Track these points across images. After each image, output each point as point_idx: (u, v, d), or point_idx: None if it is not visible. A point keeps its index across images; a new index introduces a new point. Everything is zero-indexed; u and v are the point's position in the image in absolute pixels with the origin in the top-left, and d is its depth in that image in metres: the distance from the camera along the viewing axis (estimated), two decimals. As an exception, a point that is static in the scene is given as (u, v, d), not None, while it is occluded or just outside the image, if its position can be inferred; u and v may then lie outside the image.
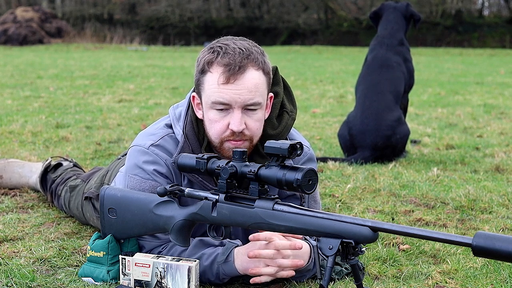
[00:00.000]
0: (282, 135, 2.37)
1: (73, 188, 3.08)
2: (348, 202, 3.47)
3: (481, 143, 5.34)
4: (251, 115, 2.24)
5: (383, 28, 5.06)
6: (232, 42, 2.25)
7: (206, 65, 2.23)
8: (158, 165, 2.32)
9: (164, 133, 2.37)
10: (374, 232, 1.85)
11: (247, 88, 2.20)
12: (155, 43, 26.52)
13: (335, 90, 9.94)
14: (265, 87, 2.26)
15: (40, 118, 6.28)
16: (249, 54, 2.21)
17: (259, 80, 2.23)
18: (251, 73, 2.21)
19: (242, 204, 2.05)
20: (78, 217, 3.01)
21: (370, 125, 4.64)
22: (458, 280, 2.37)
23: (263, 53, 2.27)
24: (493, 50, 23.83)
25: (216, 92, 2.21)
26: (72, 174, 3.25)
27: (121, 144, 5.03)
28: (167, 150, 2.33)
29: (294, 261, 2.17)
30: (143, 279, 2.21)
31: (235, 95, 2.20)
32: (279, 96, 2.40)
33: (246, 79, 2.20)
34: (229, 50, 2.21)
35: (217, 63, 2.21)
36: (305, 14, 28.48)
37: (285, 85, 2.46)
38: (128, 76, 11.84)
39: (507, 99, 8.95)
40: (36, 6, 26.34)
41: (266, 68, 2.26)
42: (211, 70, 2.22)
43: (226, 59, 2.19)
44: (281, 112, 2.41)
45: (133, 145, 2.40)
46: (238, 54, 2.20)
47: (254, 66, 2.21)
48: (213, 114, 2.24)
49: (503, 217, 3.23)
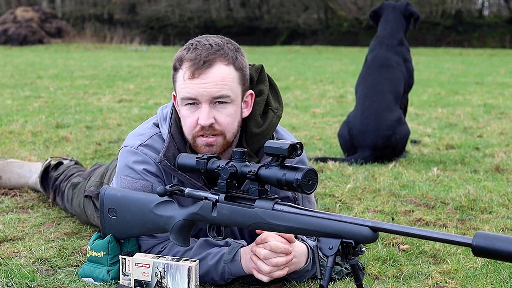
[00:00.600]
0: (267, 133, 2.36)
1: (75, 186, 3.09)
2: (348, 202, 3.47)
3: (481, 143, 5.34)
4: (220, 110, 2.23)
5: (382, 28, 5.06)
6: (206, 39, 2.26)
7: (177, 62, 2.25)
8: (148, 165, 2.33)
9: (153, 132, 2.38)
10: (374, 232, 1.85)
11: (213, 81, 2.20)
12: (155, 43, 26.52)
13: (335, 90, 9.94)
14: (236, 82, 2.25)
15: (40, 118, 6.28)
16: (219, 49, 2.21)
17: (229, 75, 2.22)
18: (218, 67, 2.21)
19: (242, 204, 2.05)
20: (79, 215, 3.02)
21: (370, 125, 4.64)
22: (458, 280, 2.37)
23: (238, 49, 2.27)
24: (493, 50, 23.83)
25: (184, 88, 2.22)
26: (75, 171, 3.28)
27: (121, 144, 5.02)
28: (156, 150, 2.34)
29: (288, 257, 2.16)
30: (143, 279, 2.21)
31: (200, 89, 2.20)
32: (263, 94, 2.39)
33: (212, 73, 2.20)
34: (198, 46, 2.22)
35: (185, 59, 2.22)
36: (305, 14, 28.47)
37: (271, 83, 2.45)
38: (128, 76, 11.84)
39: (507, 99, 8.95)
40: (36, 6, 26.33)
41: (237, 64, 2.25)
42: (181, 67, 2.24)
43: (193, 54, 2.20)
44: (266, 110, 2.40)
45: (123, 146, 2.42)
46: (206, 50, 2.20)
47: (223, 61, 2.21)
48: (184, 110, 2.26)
49: (503, 217, 3.23)
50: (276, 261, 2.14)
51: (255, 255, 2.17)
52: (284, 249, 2.15)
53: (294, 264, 2.22)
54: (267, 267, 2.15)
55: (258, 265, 2.16)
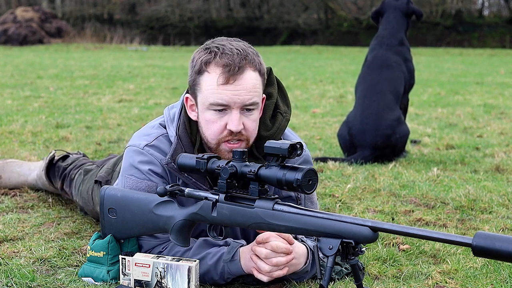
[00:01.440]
0: (276, 136, 2.37)
1: (87, 172, 3.09)
2: (348, 202, 3.47)
3: (481, 143, 5.34)
4: (248, 116, 2.25)
5: (383, 28, 5.06)
6: (228, 42, 2.25)
7: (204, 65, 2.22)
8: (153, 165, 2.32)
9: (159, 133, 2.38)
10: (374, 232, 1.85)
11: (246, 88, 2.20)
12: (155, 43, 26.52)
13: (335, 90, 9.94)
14: (261, 88, 2.28)
15: (40, 118, 6.28)
16: (247, 55, 2.22)
17: (257, 80, 2.24)
18: (249, 74, 2.21)
19: (242, 204, 2.05)
20: (86, 202, 3.00)
21: (370, 124, 4.64)
22: (458, 280, 2.37)
23: (258, 54, 2.29)
24: (493, 50, 23.83)
25: (214, 93, 2.20)
26: (86, 161, 3.28)
27: (121, 144, 5.03)
28: (162, 150, 2.34)
29: (288, 257, 2.16)
30: (143, 279, 2.21)
31: (234, 95, 2.20)
32: (273, 97, 2.40)
33: (245, 79, 2.20)
34: (226, 50, 2.21)
35: (215, 63, 2.20)
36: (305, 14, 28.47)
37: (279, 86, 2.45)
38: (128, 76, 11.84)
39: (507, 99, 8.95)
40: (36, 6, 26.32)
41: (262, 69, 2.27)
42: (208, 70, 2.22)
43: (224, 59, 2.19)
44: (275, 113, 2.41)
45: (128, 145, 2.41)
46: (236, 55, 2.20)
47: (251, 67, 2.22)
48: (210, 115, 2.24)
49: (503, 217, 3.23)
50: (276, 261, 2.14)
51: (255, 255, 2.17)
52: (285, 249, 2.15)
53: (294, 265, 2.22)
54: (267, 267, 2.15)
55: (258, 264, 2.16)
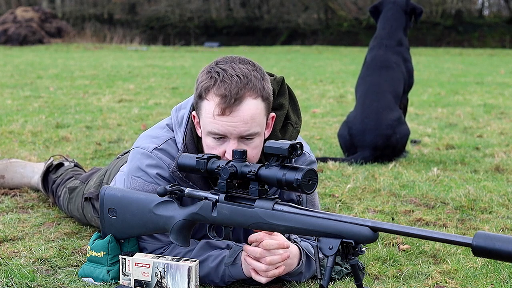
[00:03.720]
0: None
1: (72, 190, 3.07)
2: (348, 202, 3.47)
3: (481, 143, 5.34)
4: (248, 144, 2.19)
5: (381, 27, 5.03)
6: (231, 66, 2.17)
7: (203, 92, 2.18)
8: (161, 169, 2.31)
9: (168, 137, 2.36)
10: (374, 232, 1.85)
11: (243, 120, 2.14)
12: (155, 43, 26.52)
13: (335, 90, 9.94)
14: (263, 115, 2.20)
15: (40, 118, 6.28)
16: (247, 82, 2.14)
17: (256, 109, 2.16)
18: (247, 103, 2.14)
19: (242, 204, 2.05)
20: (79, 219, 3.01)
21: (370, 124, 4.64)
22: (458, 280, 2.37)
23: (263, 76, 2.20)
24: (493, 50, 23.83)
25: (211, 122, 2.16)
26: (72, 175, 3.24)
27: (121, 144, 5.03)
28: (170, 155, 2.33)
29: (284, 255, 2.16)
30: (143, 279, 2.21)
31: (230, 127, 2.15)
32: (284, 108, 2.36)
33: (242, 110, 2.14)
34: (226, 78, 2.14)
35: (213, 92, 2.15)
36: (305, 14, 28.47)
37: (291, 96, 2.41)
38: (128, 76, 11.84)
39: (507, 99, 8.95)
40: (36, 6, 26.33)
41: (265, 94, 2.19)
42: (207, 98, 2.17)
43: (222, 89, 2.13)
44: (285, 123, 2.38)
45: (136, 146, 2.39)
46: (235, 84, 2.13)
47: (252, 94, 2.15)
48: (209, 141, 2.21)
49: (503, 217, 3.23)
50: (270, 259, 2.14)
51: (249, 256, 2.17)
52: (278, 244, 2.14)
53: (288, 265, 2.22)
54: (263, 266, 2.15)
55: (254, 264, 2.16)
